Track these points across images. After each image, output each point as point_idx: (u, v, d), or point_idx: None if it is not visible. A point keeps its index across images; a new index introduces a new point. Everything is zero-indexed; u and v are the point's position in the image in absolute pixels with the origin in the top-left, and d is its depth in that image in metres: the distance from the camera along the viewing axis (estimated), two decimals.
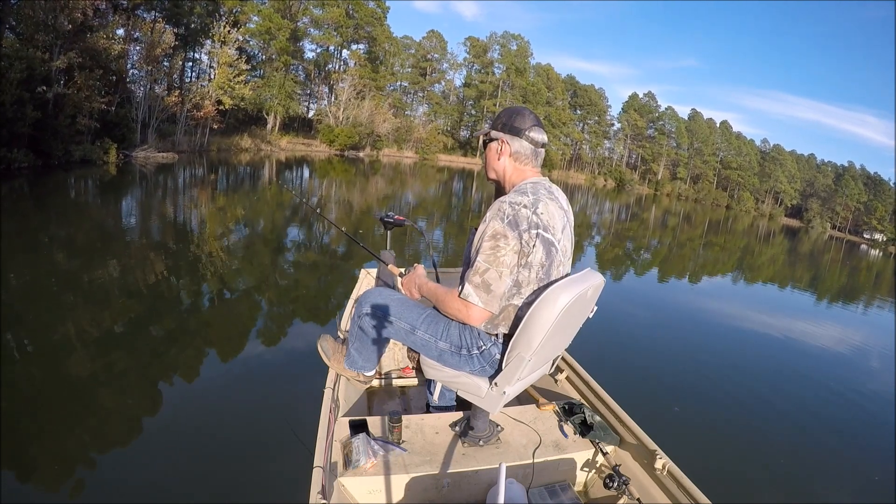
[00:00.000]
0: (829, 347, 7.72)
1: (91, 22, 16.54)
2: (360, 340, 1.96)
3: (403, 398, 2.73)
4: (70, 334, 4.28)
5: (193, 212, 11.26)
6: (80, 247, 7.33)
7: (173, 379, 3.77)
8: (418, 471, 1.79)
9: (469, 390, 1.78)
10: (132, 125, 20.49)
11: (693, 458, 2.10)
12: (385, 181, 25.56)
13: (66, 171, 14.50)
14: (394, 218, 2.22)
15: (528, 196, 1.59)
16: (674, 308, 8.81)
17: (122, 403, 3.35)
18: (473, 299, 1.54)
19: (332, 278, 7.33)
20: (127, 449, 2.90)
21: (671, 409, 4.24)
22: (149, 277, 6.08)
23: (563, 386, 2.57)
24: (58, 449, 2.85)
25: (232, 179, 19.75)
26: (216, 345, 4.48)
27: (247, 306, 5.61)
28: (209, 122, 26.44)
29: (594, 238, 16.66)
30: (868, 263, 32.67)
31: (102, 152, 16.99)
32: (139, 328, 4.58)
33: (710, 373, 5.48)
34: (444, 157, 52.70)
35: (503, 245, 1.52)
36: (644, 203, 46.91)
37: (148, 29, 22.37)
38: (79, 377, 3.62)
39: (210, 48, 28.58)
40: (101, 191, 13.39)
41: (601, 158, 68.77)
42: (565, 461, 2.00)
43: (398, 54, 54.01)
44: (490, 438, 2.00)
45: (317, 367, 2.38)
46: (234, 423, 3.22)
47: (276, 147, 34.54)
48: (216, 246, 8.21)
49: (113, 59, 18.46)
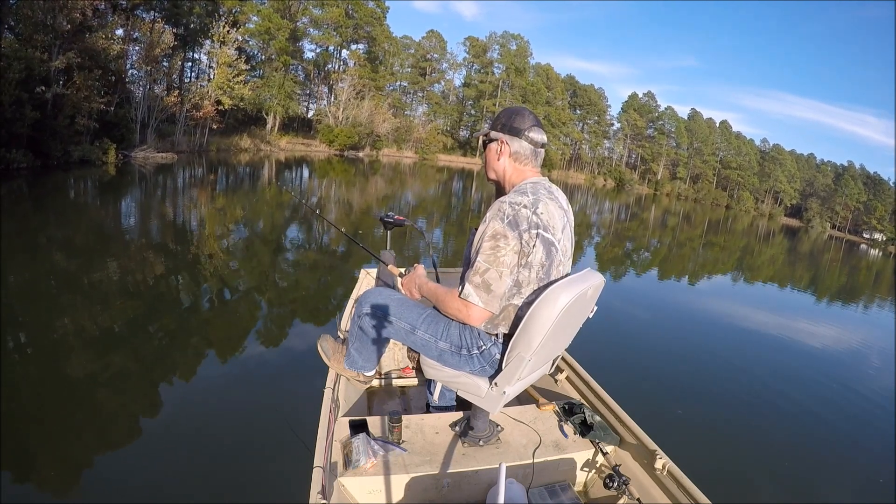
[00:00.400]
0: (829, 347, 7.73)
1: (90, 22, 16.48)
2: (360, 340, 1.96)
3: (403, 398, 2.73)
4: (70, 334, 4.28)
5: (192, 212, 11.26)
6: (79, 247, 7.32)
7: (173, 379, 3.77)
8: (418, 471, 1.79)
9: (469, 390, 1.78)
10: (131, 125, 20.43)
11: (693, 458, 2.10)
12: (385, 181, 25.55)
13: (65, 172, 14.47)
14: (394, 218, 2.22)
15: (528, 196, 1.59)
16: (674, 308, 8.81)
17: (122, 403, 3.35)
18: (473, 299, 1.54)
19: (331, 278, 7.33)
20: (127, 449, 2.90)
21: (671, 410, 4.24)
22: (148, 278, 6.08)
23: (563, 386, 2.57)
24: (58, 449, 2.85)
25: (231, 180, 19.73)
26: (216, 345, 4.48)
27: (247, 306, 5.61)
28: (208, 122, 26.37)
29: (594, 238, 16.66)
30: (868, 263, 32.69)
31: (101, 153, 16.89)
32: (139, 328, 4.57)
33: (710, 373, 5.49)
34: (444, 157, 52.68)
35: (503, 245, 1.52)
36: (644, 203, 46.93)
37: (147, 29, 22.31)
38: (79, 377, 3.62)
39: (210, 48, 28.51)
40: (100, 191, 13.37)
41: (601, 158, 68.78)
42: (565, 461, 2.00)
43: (398, 54, 53.98)
44: (490, 438, 2.00)
45: (317, 367, 2.38)
46: (235, 423, 3.22)
47: (276, 147, 34.45)
48: (215, 246, 8.21)
49: (112, 59, 18.40)
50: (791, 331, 8.21)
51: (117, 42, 19.04)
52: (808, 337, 8.00)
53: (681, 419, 4.12)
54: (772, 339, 7.42)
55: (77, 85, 15.63)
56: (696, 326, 7.61)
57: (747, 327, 7.97)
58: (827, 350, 7.53)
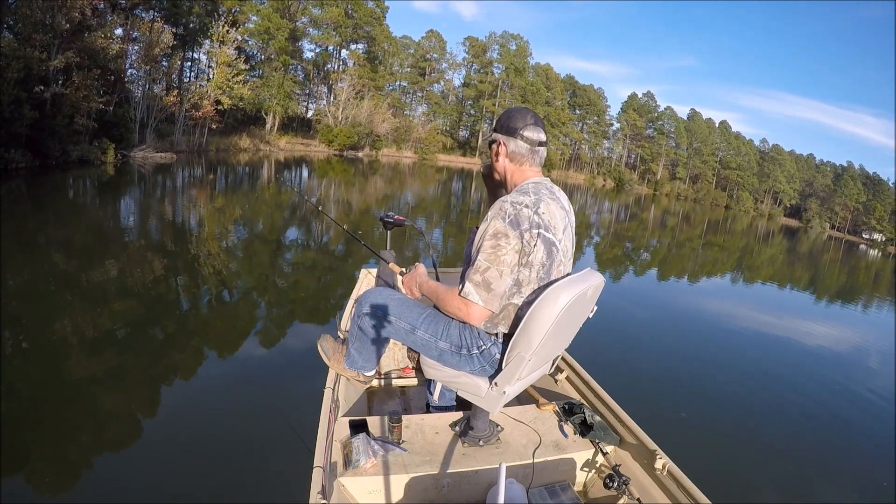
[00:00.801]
0: (828, 347, 7.74)
1: (89, 21, 16.31)
2: (360, 340, 1.96)
3: (403, 398, 2.73)
4: (69, 334, 4.27)
5: (191, 212, 11.25)
6: (78, 248, 7.31)
7: (173, 379, 3.77)
8: (418, 471, 1.79)
9: (469, 390, 1.78)
10: (130, 125, 20.27)
11: (693, 458, 2.10)
12: (384, 181, 25.50)
13: (64, 172, 14.40)
14: (394, 218, 2.22)
15: (530, 196, 1.60)
16: (673, 308, 8.81)
17: (122, 403, 3.35)
18: (474, 297, 1.55)
19: (331, 278, 7.33)
20: (127, 449, 2.89)
21: (671, 410, 4.23)
22: (146, 278, 6.07)
23: (563, 386, 2.57)
24: (58, 448, 2.84)
25: (231, 179, 19.70)
26: (216, 345, 4.48)
27: (247, 306, 5.60)
28: (208, 122, 26.22)
29: (594, 238, 16.67)
30: (867, 263, 32.74)
31: (100, 152, 16.75)
32: (139, 328, 4.57)
33: (709, 373, 5.49)
34: (444, 157, 52.61)
35: (504, 244, 1.52)
36: (643, 203, 46.94)
37: (146, 28, 22.17)
38: (79, 377, 3.62)
39: (209, 48, 28.40)
40: (99, 191, 13.34)
41: (600, 158, 68.76)
42: (565, 461, 2.00)
43: (397, 54, 53.87)
44: (490, 438, 2.00)
45: (317, 367, 2.38)
46: (235, 423, 3.22)
47: (275, 147, 34.35)
48: (214, 246, 8.21)
49: (111, 58, 18.17)
50: (791, 331, 8.22)
51: (116, 41, 18.91)
52: (807, 337, 8.01)
53: (681, 419, 4.12)
54: (772, 339, 7.43)
55: (76, 84, 15.50)
56: (696, 326, 7.62)
57: (747, 327, 7.98)
58: (827, 350, 7.54)
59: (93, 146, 16.61)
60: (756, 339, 7.35)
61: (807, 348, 7.39)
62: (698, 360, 5.88)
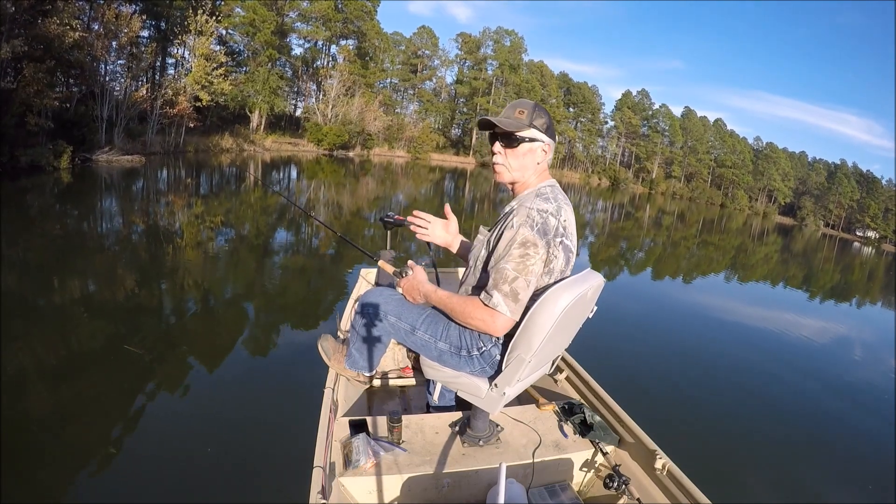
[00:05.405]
0: (828, 347, 7.78)
1: (44, 7, 13.86)
2: (361, 340, 1.96)
3: (403, 398, 2.73)
4: (69, 335, 4.25)
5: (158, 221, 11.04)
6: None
7: (173, 379, 3.76)
8: (418, 471, 1.79)
9: (469, 391, 1.79)
10: (94, 125, 17.87)
11: (693, 458, 2.11)
12: (376, 182, 24.85)
13: (13, 181, 11.80)
14: (394, 218, 2.22)
15: (552, 203, 1.59)
16: (672, 308, 8.84)
17: (122, 403, 3.33)
18: (503, 308, 1.51)
19: (331, 279, 7.32)
20: (126, 449, 2.89)
21: (671, 410, 4.25)
22: (146, 278, 6.04)
23: (563, 386, 2.57)
24: (58, 448, 2.83)
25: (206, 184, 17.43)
26: (216, 346, 4.47)
27: (246, 307, 5.60)
28: (185, 120, 23.64)
29: (588, 237, 16.68)
30: (861, 261, 32.99)
31: (53, 156, 14.03)
32: (140, 328, 4.55)
33: (709, 372, 5.51)
34: (437, 157, 51.60)
35: (532, 253, 1.51)
36: (638, 202, 47.03)
37: (112, 15, 18.75)
38: (79, 376, 3.60)
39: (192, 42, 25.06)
40: (43, 206, 10.37)
41: (595, 157, 68.65)
42: (565, 461, 2.00)
43: (388, 50, 52.81)
44: (490, 438, 2.00)
45: (317, 367, 2.38)
46: (235, 424, 3.22)
47: (261, 147, 32.26)
48: (193, 254, 8.16)
49: (67, 48, 15.15)
50: (789, 330, 8.24)
51: (75, 29, 15.35)
52: (806, 336, 8.04)
53: (681, 419, 4.13)
54: (771, 339, 7.46)
55: (26, 78, 13.19)
56: (695, 326, 7.65)
57: (746, 327, 8.01)
58: (826, 350, 7.59)
59: (45, 149, 14.02)
60: (755, 338, 7.38)
61: (806, 347, 7.42)
62: (698, 360, 5.90)
